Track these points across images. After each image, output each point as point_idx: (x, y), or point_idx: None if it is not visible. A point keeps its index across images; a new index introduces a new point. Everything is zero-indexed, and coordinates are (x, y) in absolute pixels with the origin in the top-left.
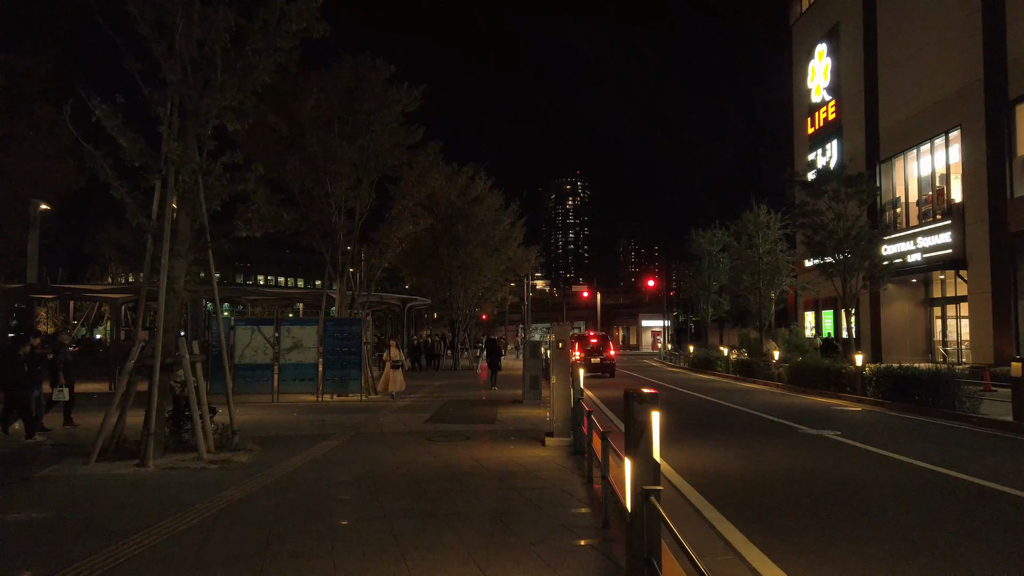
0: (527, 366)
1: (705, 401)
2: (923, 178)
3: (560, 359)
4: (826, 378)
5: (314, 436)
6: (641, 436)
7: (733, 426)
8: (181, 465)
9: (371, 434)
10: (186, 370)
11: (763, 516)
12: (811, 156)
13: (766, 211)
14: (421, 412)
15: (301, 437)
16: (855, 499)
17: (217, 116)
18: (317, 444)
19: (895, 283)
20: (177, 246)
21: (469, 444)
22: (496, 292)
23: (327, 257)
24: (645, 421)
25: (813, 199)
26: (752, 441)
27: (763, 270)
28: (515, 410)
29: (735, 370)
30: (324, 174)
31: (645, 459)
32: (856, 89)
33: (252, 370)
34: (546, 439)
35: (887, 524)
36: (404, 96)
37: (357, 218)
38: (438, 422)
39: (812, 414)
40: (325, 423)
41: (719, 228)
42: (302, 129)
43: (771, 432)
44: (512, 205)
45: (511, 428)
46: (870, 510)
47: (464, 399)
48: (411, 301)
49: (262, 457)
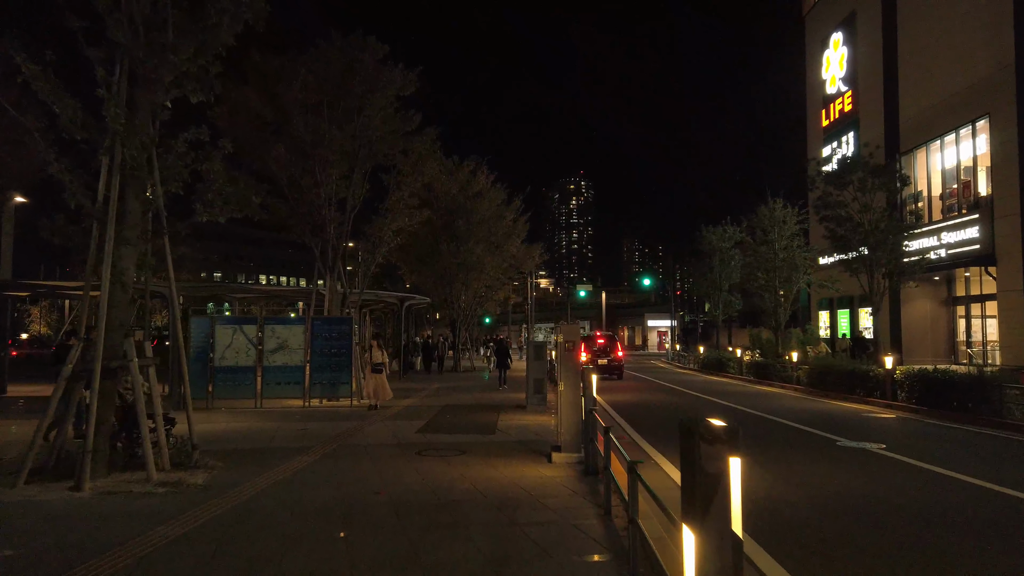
0: (531, 369)
1: (723, 406)
2: (947, 170)
3: (569, 362)
4: (851, 381)
5: (291, 449)
6: (713, 498)
7: (762, 437)
8: (123, 488)
9: (355, 446)
10: (134, 376)
11: (839, 568)
12: (826, 150)
13: (781, 205)
14: (415, 419)
15: (276, 450)
16: (940, 541)
17: (175, 85)
18: (292, 459)
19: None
20: (125, 231)
21: (464, 460)
22: (498, 291)
23: (316, 252)
24: (720, 473)
25: (838, 190)
26: (788, 455)
27: (779, 267)
28: (518, 417)
29: (749, 372)
30: (312, 162)
31: (720, 534)
32: (875, 78)
33: (233, 373)
34: (553, 454)
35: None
36: (398, 78)
37: (349, 210)
38: (432, 431)
39: (843, 422)
40: (307, 433)
41: (730, 224)
42: (288, 114)
43: (806, 444)
44: (515, 200)
45: (513, 439)
46: (962, 553)
47: (463, 404)
48: (410, 299)
49: (223, 477)
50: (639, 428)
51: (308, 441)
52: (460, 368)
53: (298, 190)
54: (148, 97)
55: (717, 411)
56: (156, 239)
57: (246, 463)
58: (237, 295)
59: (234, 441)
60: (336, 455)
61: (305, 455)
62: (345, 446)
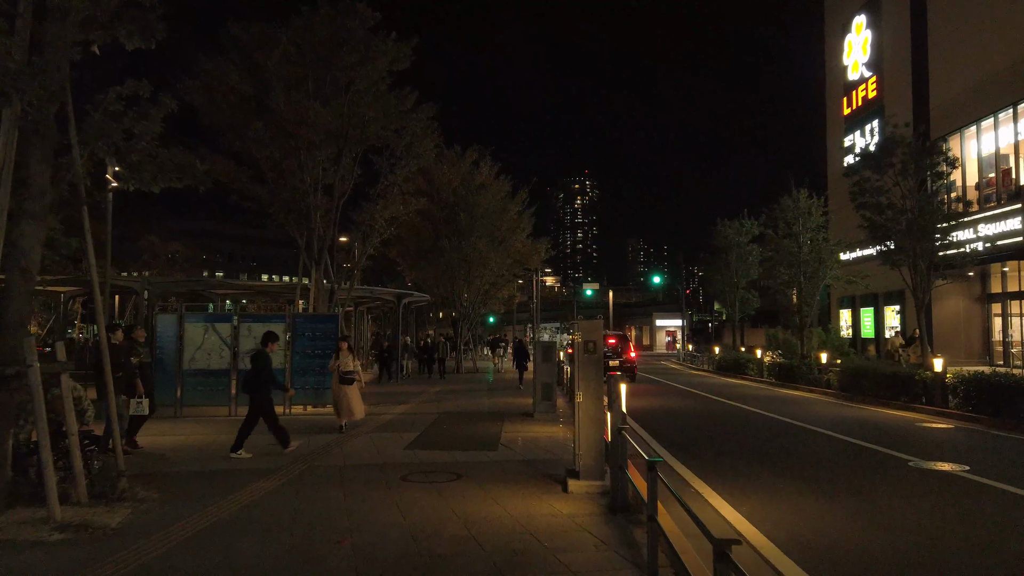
0: (539, 372)
1: (753, 414)
2: (984, 158)
3: (589, 366)
4: (892, 386)
5: (250, 471)
6: None
7: (811, 453)
8: (10, 534)
9: (328, 468)
10: (32, 385)
11: None
12: (847, 139)
13: (807, 195)
14: (405, 431)
15: (233, 473)
16: None
17: (103, 26)
18: (247, 485)
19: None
20: (27, 203)
21: (459, 488)
22: (503, 288)
23: (301, 243)
24: None
25: (877, 174)
26: (855, 482)
27: (804, 262)
28: (525, 427)
29: (771, 374)
30: (295, 142)
31: None
32: (901, 62)
33: (205, 377)
34: (569, 482)
35: None
36: (391, 49)
37: (337, 197)
38: (424, 447)
39: (897, 434)
40: (276, 449)
41: (748, 218)
42: (269, 88)
43: (868, 465)
44: (520, 192)
45: (519, 457)
46: None
47: (463, 411)
48: (407, 296)
49: (148, 514)
50: (664, 441)
51: (274, 460)
52: (462, 370)
53: (280, 174)
54: (57, 32)
55: (749, 421)
56: (71, 212)
57: (189, 492)
58: (219, 291)
59: (188, 459)
60: (301, 481)
61: (265, 479)
62: (316, 468)
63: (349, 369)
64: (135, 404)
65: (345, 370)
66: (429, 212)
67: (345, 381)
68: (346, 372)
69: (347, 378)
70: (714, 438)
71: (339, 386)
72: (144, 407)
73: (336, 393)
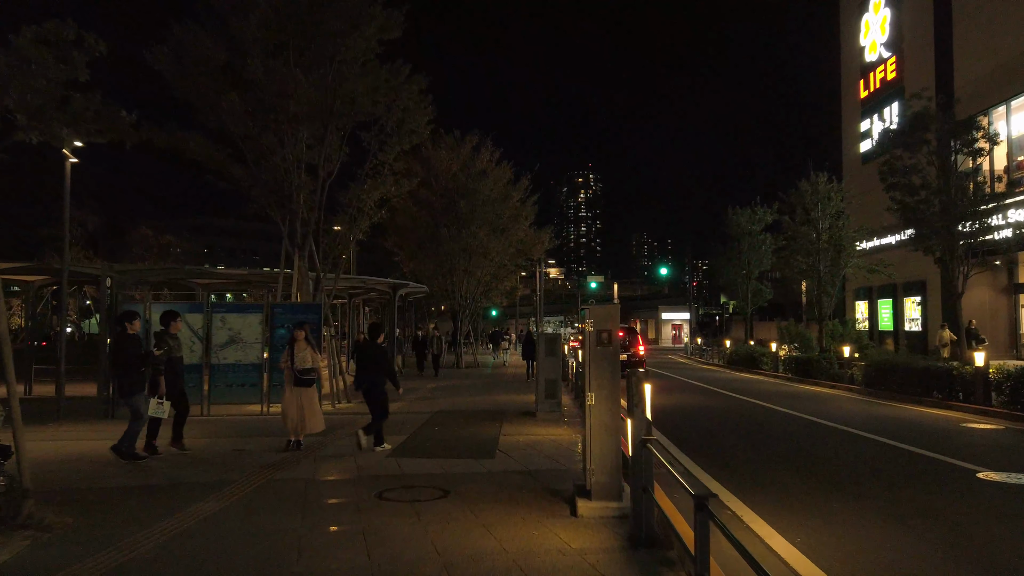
0: (542, 367)
1: (779, 413)
2: (1014, 140)
3: (603, 361)
4: (924, 381)
5: (200, 485)
6: None
7: (858, 462)
8: None
9: (291, 482)
10: None
11: None
12: (864, 123)
13: (825, 180)
14: (392, 433)
15: (178, 488)
16: None
17: None
18: (188, 506)
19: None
20: None
21: (444, 510)
22: (505, 280)
23: (284, 228)
24: None
25: (909, 153)
26: (922, 499)
27: (823, 250)
28: (526, 428)
29: (787, 369)
30: (275, 116)
31: None
32: (923, 41)
33: None
34: (579, 503)
35: None
36: (379, 15)
37: (322, 177)
38: (409, 454)
39: (943, 437)
40: (238, 457)
41: (760, 205)
42: (245, 55)
43: (929, 476)
44: (522, 179)
45: (518, 467)
46: None
47: (460, 409)
48: (403, 287)
49: (49, 548)
50: (688, 447)
51: (230, 471)
52: (462, 365)
53: (260, 152)
54: None
55: (776, 422)
56: None
57: (113, 516)
58: (199, 280)
59: (132, 470)
60: (254, 500)
61: (213, 498)
62: (277, 481)
63: (307, 366)
64: (155, 405)
65: (302, 367)
66: (427, 200)
67: (302, 383)
68: (303, 371)
69: (304, 379)
70: (743, 443)
71: (293, 390)
72: (164, 409)
73: (286, 399)
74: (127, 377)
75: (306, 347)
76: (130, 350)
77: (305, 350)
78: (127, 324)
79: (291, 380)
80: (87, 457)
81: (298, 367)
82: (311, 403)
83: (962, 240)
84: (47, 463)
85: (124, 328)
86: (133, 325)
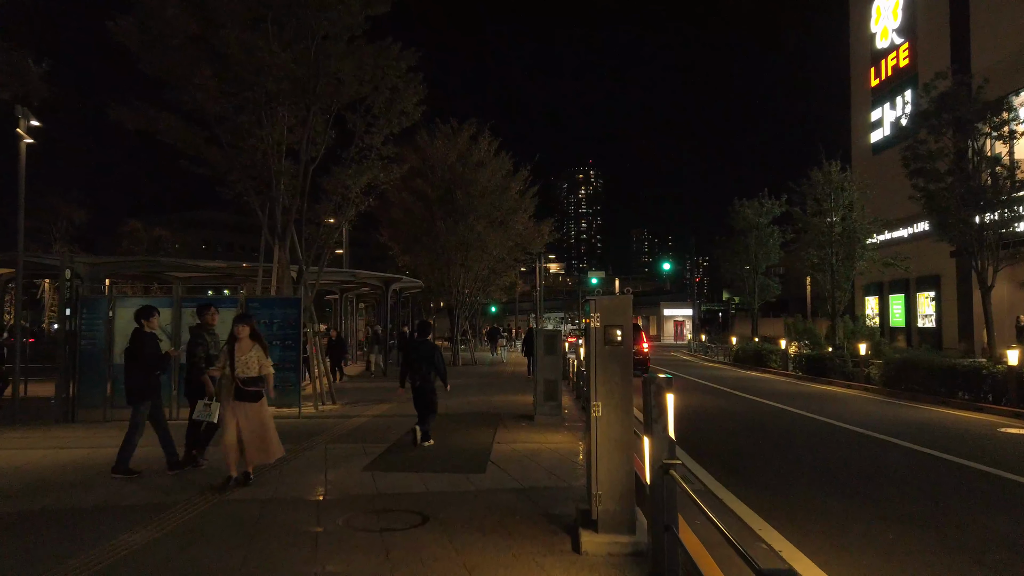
0: (541, 366)
1: (796, 416)
2: None
3: (613, 363)
4: (950, 381)
5: (133, 510)
6: None
7: (901, 477)
8: None
9: (244, 504)
10: None
11: None
12: (875, 112)
13: (838, 168)
14: (373, 440)
15: (110, 512)
16: None
17: None
18: (114, 537)
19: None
20: None
21: (420, 543)
22: (503, 275)
23: (263, 217)
24: None
25: (934, 136)
26: (999, 527)
27: (836, 242)
28: (523, 435)
29: (798, 367)
30: (252, 94)
31: None
32: (938, 25)
33: None
34: (583, 535)
35: None
36: None
37: (304, 162)
38: (389, 467)
39: (986, 445)
40: (191, 471)
41: (768, 197)
42: (217, 26)
43: (991, 496)
44: (521, 170)
45: (511, 484)
46: None
47: (451, 412)
48: (396, 281)
49: None
50: (703, 457)
51: (177, 491)
52: (459, 363)
53: (237, 134)
54: None
55: (797, 425)
56: None
57: (18, 549)
58: (178, 273)
59: (68, 487)
60: (196, 529)
61: (149, 523)
62: (228, 504)
63: (252, 374)
64: (201, 406)
65: (245, 375)
66: (422, 191)
67: (246, 396)
68: (247, 380)
69: (249, 391)
70: (764, 451)
71: (233, 406)
72: (212, 412)
73: (224, 419)
74: (138, 381)
75: (251, 348)
76: (146, 350)
77: (250, 352)
78: (143, 321)
79: (230, 393)
80: (27, 469)
81: (240, 375)
82: (261, 422)
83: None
84: None
85: (141, 326)
86: (150, 322)
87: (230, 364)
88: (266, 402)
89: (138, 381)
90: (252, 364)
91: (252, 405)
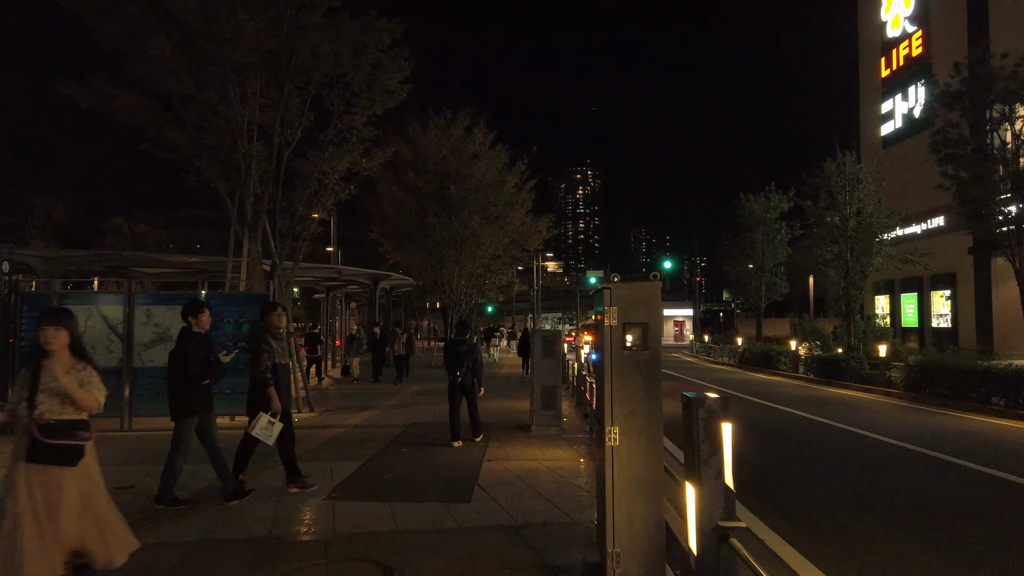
0: (538, 370)
1: (820, 425)
2: None
3: (635, 373)
4: (984, 386)
5: None
6: None
7: (966, 504)
8: None
9: (165, 549)
10: None
11: None
12: (885, 104)
13: (852, 159)
14: (344, 458)
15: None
16: None
17: None
18: None
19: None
20: None
21: None
22: (499, 274)
23: (232, 205)
24: None
25: (968, 118)
26: None
27: (850, 237)
28: (516, 450)
29: (809, 369)
30: (217, 68)
31: None
32: (954, 11)
33: None
34: None
35: None
36: None
37: (277, 145)
38: (355, 495)
39: None
40: (129, 493)
41: (775, 192)
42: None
43: None
44: (518, 163)
45: (501, 519)
46: None
47: (438, 421)
48: (384, 279)
49: None
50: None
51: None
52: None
53: (203, 114)
54: None
55: (824, 436)
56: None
57: None
58: (145, 268)
59: None
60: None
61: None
62: (145, 549)
63: (64, 417)
64: (265, 423)
65: (50, 419)
66: (414, 184)
67: (48, 455)
68: (50, 427)
69: (53, 447)
70: (795, 471)
71: (27, 470)
72: (274, 432)
73: (12, 485)
74: (182, 392)
75: (70, 369)
76: (192, 355)
77: (67, 375)
78: (191, 319)
79: (24, 447)
80: None
81: (41, 418)
82: (87, 496)
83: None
84: None
85: (188, 324)
86: (199, 320)
87: (28, 399)
88: (93, 460)
89: (178, 392)
90: (62, 398)
91: (66, 471)
